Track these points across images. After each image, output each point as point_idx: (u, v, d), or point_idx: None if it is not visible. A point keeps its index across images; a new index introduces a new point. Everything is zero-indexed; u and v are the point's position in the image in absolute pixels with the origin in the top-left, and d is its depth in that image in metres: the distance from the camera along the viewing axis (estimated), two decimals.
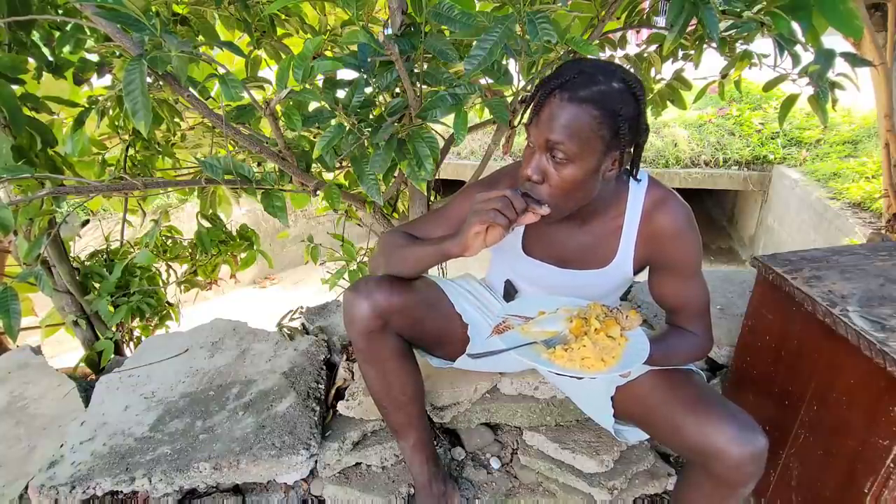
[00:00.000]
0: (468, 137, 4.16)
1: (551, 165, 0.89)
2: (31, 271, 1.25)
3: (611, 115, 0.85)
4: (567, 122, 0.85)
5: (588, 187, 0.91)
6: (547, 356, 0.88)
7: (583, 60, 0.90)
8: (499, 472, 1.37)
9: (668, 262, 1.03)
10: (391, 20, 1.19)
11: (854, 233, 3.46)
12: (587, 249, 1.06)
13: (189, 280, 2.12)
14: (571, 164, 0.87)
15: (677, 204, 1.01)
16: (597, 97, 0.84)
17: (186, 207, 4.64)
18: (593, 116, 0.84)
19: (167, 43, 0.90)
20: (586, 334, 0.91)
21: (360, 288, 1.05)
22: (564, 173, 0.88)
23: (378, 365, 1.10)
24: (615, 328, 0.92)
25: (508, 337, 0.94)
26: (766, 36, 1.21)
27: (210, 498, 1.29)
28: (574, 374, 0.86)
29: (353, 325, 1.05)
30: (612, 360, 0.87)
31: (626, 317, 0.95)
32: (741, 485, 0.88)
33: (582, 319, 0.94)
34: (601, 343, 0.89)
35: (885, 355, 0.88)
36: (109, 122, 1.65)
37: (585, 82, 0.84)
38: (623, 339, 0.92)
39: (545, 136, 0.87)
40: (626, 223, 1.02)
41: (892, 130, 2.93)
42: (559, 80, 0.86)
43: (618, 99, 0.85)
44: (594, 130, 0.85)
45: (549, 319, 0.97)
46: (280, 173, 1.33)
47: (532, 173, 0.90)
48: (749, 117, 5.41)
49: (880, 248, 1.26)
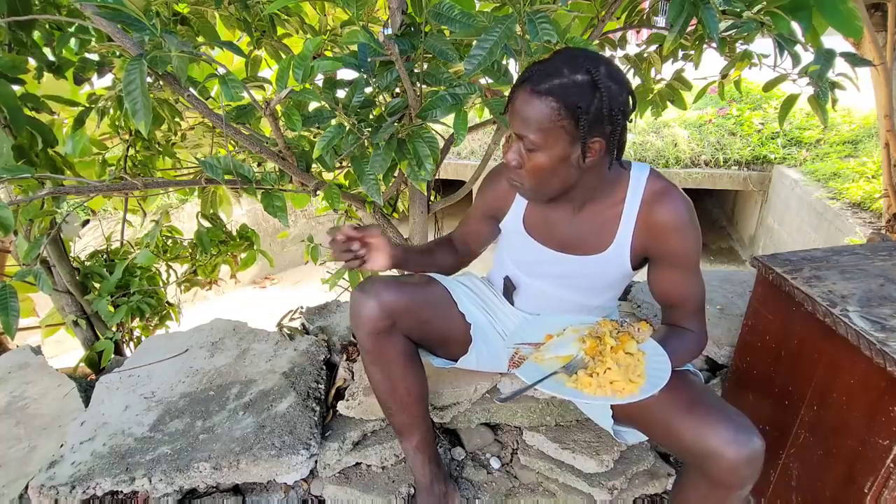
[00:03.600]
0: (468, 137, 4.16)
1: (526, 153, 0.94)
2: (29, 270, 1.25)
3: (570, 107, 0.87)
4: (529, 115, 0.89)
5: (561, 173, 0.95)
6: (573, 385, 0.87)
7: (562, 52, 0.92)
8: (499, 472, 1.37)
9: (668, 254, 1.04)
10: (391, 20, 1.19)
11: (854, 233, 3.46)
12: (585, 234, 1.07)
13: (189, 280, 2.12)
14: (539, 151, 0.93)
15: (678, 196, 1.02)
16: (556, 90, 0.87)
17: (186, 207, 4.64)
18: (552, 108, 0.88)
19: (167, 43, 0.90)
20: (601, 353, 0.90)
21: (368, 288, 1.05)
22: (535, 160, 0.94)
23: (384, 366, 1.10)
24: (631, 343, 0.91)
25: (527, 369, 0.92)
26: (766, 36, 1.21)
27: (210, 498, 1.29)
28: (607, 401, 0.85)
29: (360, 326, 1.05)
30: (639, 379, 0.87)
31: (638, 329, 0.95)
32: (737, 487, 0.88)
33: (595, 339, 0.93)
34: (622, 361, 0.89)
35: (885, 355, 0.88)
36: (110, 122, 1.65)
37: (548, 75, 0.88)
38: (641, 354, 0.91)
39: (513, 128, 0.94)
40: (625, 211, 1.03)
41: (892, 130, 2.93)
42: (527, 73, 0.90)
43: (578, 91, 0.87)
44: (554, 121, 0.88)
45: (560, 343, 0.96)
46: (280, 173, 1.33)
47: (511, 160, 0.96)
48: (749, 117, 5.41)
49: (880, 248, 1.26)
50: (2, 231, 1.01)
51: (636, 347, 0.91)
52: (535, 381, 0.88)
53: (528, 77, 0.90)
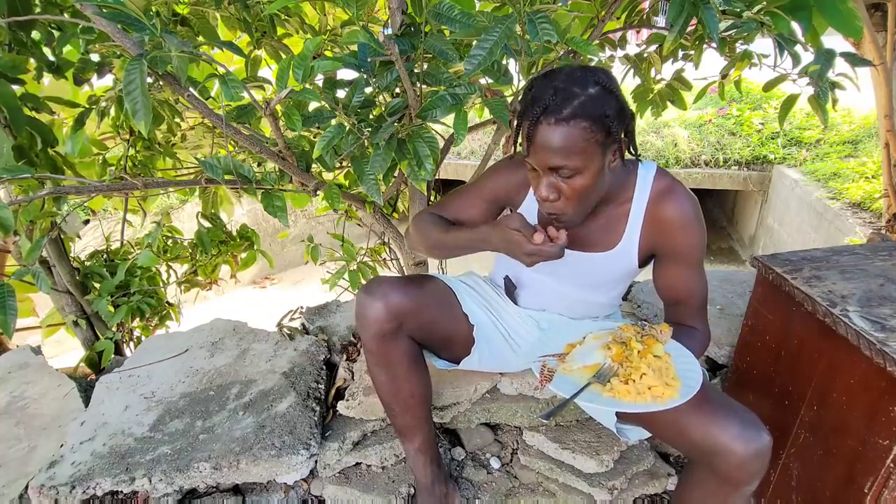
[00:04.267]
0: (468, 137, 4.16)
1: (561, 181, 0.93)
2: (28, 269, 1.25)
3: (599, 119, 0.88)
4: (562, 144, 0.88)
5: (599, 186, 0.96)
6: (609, 394, 0.87)
7: (553, 75, 0.91)
8: (499, 472, 1.37)
9: (674, 251, 1.06)
10: (391, 20, 1.19)
11: (854, 233, 3.46)
12: (595, 232, 1.08)
13: (189, 280, 2.11)
14: (580, 175, 0.92)
15: (684, 194, 1.04)
16: (581, 110, 0.87)
17: (186, 207, 4.64)
18: (584, 129, 0.87)
19: (167, 43, 0.90)
20: (628, 359, 0.89)
21: (374, 289, 1.03)
22: (576, 185, 0.93)
23: (389, 368, 1.09)
24: (658, 346, 0.92)
25: (560, 382, 0.91)
26: (766, 36, 1.21)
27: (210, 498, 1.29)
28: (649, 407, 0.84)
29: (366, 328, 1.04)
30: (675, 382, 0.87)
31: (661, 331, 0.96)
32: (745, 483, 0.89)
33: (621, 344, 0.93)
34: (654, 365, 0.89)
35: (885, 355, 0.88)
36: (110, 122, 1.65)
37: (565, 100, 0.87)
38: (668, 356, 0.92)
39: (547, 163, 0.91)
40: (633, 208, 1.05)
41: (892, 130, 2.93)
42: (540, 106, 0.88)
43: (599, 102, 0.88)
44: (589, 140, 0.88)
45: (584, 352, 0.96)
46: (280, 173, 1.33)
47: (548, 195, 0.94)
48: (749, 117, 5.41)
49: (880, 248, 1.26)
50: (2, 231, 1.01)
51: (662, 350, 0.92)
52: (572, 395, 0.87)
53: (544, 110, 0.88)
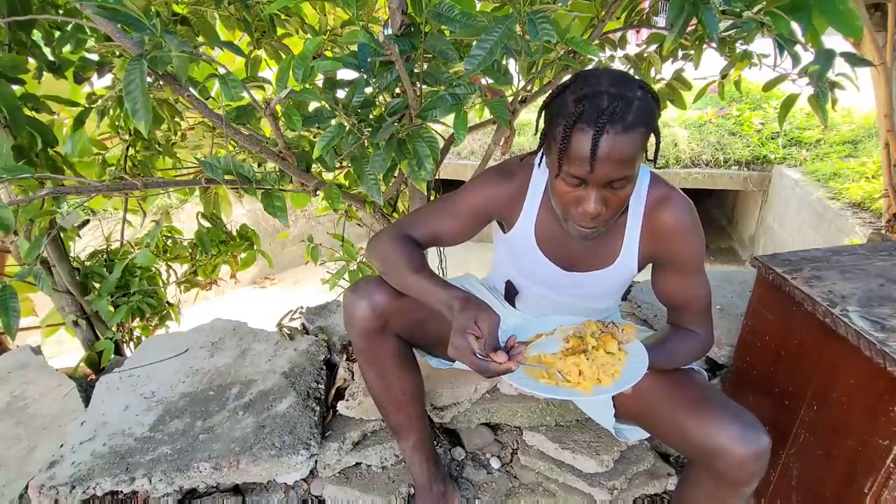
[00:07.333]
0: (468, 137, 4.16)
1: (610, 193, 0.87)
2: (29, 270, 1.25)
3: (651, 123, 0.85)
4: (624, 153, 0.82)
5: (631, 193, 0.91)
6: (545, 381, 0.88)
7: (595, 80, 0.85)
8: (499, 472, 1.37)
9: (672, 258, 1.03)
10: (391, 20, 1.19)
11: (854, 233, 3.46)
12: (592, 250, 1.05)
13: (189, 280, 2.11)
14: (629, 183, 0.87)
15: (680, 200, 1.01)
16: (642, 116, 0.82)
17: (186, 207, 4.64)
18: (642, 133, 0.83)
19: (167, 43, 0.90)
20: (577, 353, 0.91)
21: (360, 288, 1.05)
22: (623, 195, 0.88)
23: (378, 366, 1.10)
24: (612, 343, 0.92)
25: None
26: (766, 36, 1.21)
27: (210, 498, 1.29)
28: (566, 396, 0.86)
29: (352, 326, 1.06)
30: (609, 378, 0.87)
31: (622, 330, 0.95)
32: (744, 483, 0.89)
33: (578, 339, 0.94)
34: (600, 360, 0.89)
35: (885, 355, 0.88)
36: (110, 122, 1.65)
37: (626, 107, 0.81)
38: (623, 354, 0.92)
39: (610, 175, 0.84)
40: (630, 221, 1.02)
41: (892, 130, 2.93)
42: (605, 115, 0.81)
43: (650, 105, 0.84)
44: (640, 145, 0.84)
45: (547, 342, 0.97)
46: (280, 173, 1.33)
47: (598, 208, 0.87)
48: (749, 117, 5.40)
49: (880, 248, 1.26)
50: (2, 231, 1.01)
51: (616, 347, 0.92)
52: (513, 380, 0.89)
53: (609, 119, 0.80)
